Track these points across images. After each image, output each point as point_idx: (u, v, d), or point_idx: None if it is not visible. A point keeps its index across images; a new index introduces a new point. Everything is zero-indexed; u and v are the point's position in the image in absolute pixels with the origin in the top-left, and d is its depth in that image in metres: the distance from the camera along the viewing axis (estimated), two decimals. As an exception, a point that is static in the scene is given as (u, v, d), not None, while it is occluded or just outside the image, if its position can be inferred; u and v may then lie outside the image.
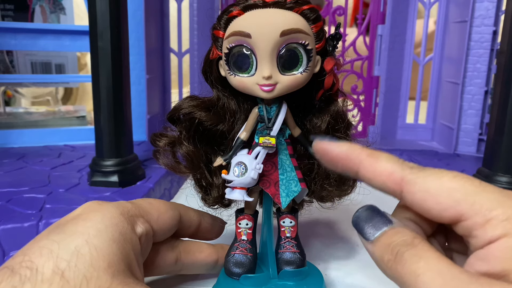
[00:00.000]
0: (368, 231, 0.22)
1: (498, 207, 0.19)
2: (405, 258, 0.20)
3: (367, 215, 0.23)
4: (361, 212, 0.23)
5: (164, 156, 0.34)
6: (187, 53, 0.81)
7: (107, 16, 0.48)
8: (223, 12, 0.29)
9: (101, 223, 0.27)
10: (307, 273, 0.34)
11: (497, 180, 0.49)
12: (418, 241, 0.20)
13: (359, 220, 0.23)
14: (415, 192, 0.21)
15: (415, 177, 0.21)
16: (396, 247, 0.20)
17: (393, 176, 0.22)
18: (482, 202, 0.20)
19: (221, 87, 0.32)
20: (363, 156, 0.23)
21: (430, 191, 0.21)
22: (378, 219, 0.22)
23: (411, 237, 0.21)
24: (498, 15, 0.70)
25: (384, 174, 0.22)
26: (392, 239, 0.21)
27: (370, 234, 0.22)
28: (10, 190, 0.48)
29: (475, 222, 0.20)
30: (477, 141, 0.74)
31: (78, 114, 0.84)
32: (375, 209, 0.23)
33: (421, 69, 0.82)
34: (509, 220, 0.19)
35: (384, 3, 0.78)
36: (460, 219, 0.20)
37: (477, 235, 0.20)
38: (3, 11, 0.82)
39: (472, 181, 0.21)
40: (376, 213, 0.23)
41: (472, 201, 0.20)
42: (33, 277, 0.22)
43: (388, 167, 0.22)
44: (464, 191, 0.20)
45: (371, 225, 0.22)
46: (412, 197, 0.22)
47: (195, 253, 0.35)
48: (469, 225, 0.20)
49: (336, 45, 0.31)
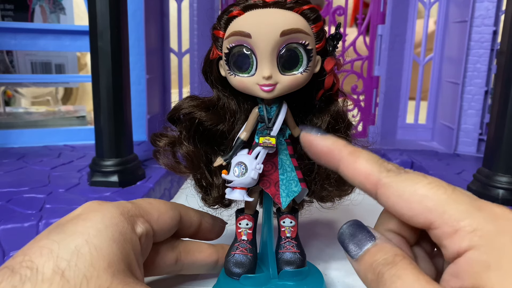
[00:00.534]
0: (352, 249, 0.23)
1: (466, 218, 0.19)
2: (385, 278, 0.20)
3: (350, 232, 0.23)
4: (345, 229, 0.24)
5: (164, 156, 0.34)
6: (187, 53, 0.81)
7: (107, 16, 0.48)
8: (223, 12, 0.29)
9: (101, 223, 0.27)
10: (307, 273, 0.34)
11: (497, 180, 0.49)
12: (399, 258, 0.21)
13: (344, 237, 0.23)
14: (388, 195, 0.22)
15: (390, 181, 0.22)
16: (378, 267, 0.21)
17: (370, 178, 0.22)
18: (452, 212, 0.20)
19: (221, 87, 0.32)
20: (344, 154, 0.24)
21: (403, 196, 0.21)
22: (362, 236, 0.23)
23: (392, 255, 0.21)
24: (498, 15, 0.70)
25: (361, 174, 0.23)
26: (375, 258, 0.21)
27: (354, 253, 0.22)
28: (10, 190, 0.48)
29: (444, 231, 0.20)
30: (477, 141, 0.74)
31: (78, 114, 0.84)
32: (359, 225, 0.23)
33: (421, 69, 0.82)
34: (475, 232, 0.19)
35: (384, 3, 0.78)
36: (430, 227, 0.20)
37: (446, 245, 0.20)
38: (3, 11, 0.82)
39: (446, 189, 0.20)
40: (360, 229, 0.23)
41: (442, 210, 0.20)
42: (33, 276, 0.22)
43: (366, 168, 0.23)
44: (436, 199, 0.20)
45: (355, 242, 0.23)
46: (386, 200, 0.22)
47: (195, 253, 0.35)
48: (439, 234, 0.20)
49: (336, 45, 0.31)
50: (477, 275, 0.18)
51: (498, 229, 0.19)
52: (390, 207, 0.22)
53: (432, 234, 0.21)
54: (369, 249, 0.22)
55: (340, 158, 0.24)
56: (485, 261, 0.18)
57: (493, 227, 0.19)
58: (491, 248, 0.18)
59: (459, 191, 0.21)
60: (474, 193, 0.51)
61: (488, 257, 0.18)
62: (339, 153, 0.24)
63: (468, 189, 0.53)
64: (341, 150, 0.24)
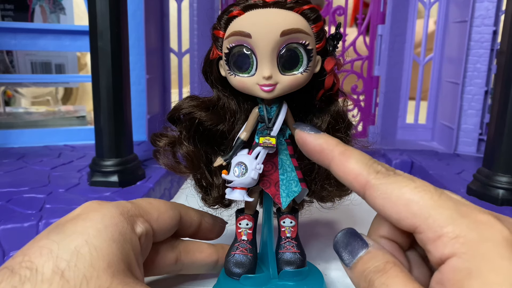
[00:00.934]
0: (346, 257, 0.23)
1: (449, 225, 0.19)
2: (375, 286, 0.20)
3: (344, 240, 0.23)
4: (339, 238, 0.24)
5: (164, 156, 0.34)
6: (187, 53, 0.81)
7: (107, 16, 0.48)
8: (223, 12, 0.29)
9: (101, 223, 0.27)
10: (307, 273, 0.34)
11: (497, 180, 0.49)
12: (390, 266, 0.21)
13: (338, 245, 0.24)
14: (375, 197, 0.22)
15: (378, 183, 0.22)
16: (369, 275, 0.21)
17: (358, 178, 0.23)
18: (436, 218, 0.20)
19: (221, 87, 0.32)
20: (335, 153, 0.24)
21: (390, 199, 0.21)
22: (355, 244, 0.23)
23: (383, 262, 0.21)
24: (498, 15, 0.70)
25: (351, 175, 0.23)
26: (366, 266, 0.21)
27: (348, 261, 0.23)
28: (10, 190, 0.48)
29: (428, 236, 0.20)
30: (477, 141, 0.74)
31: (78, 114, 0.84)
32: (352, 233, 0.24)
33: (421, 69, 0.82)
34: (458, 239, 0.19)
35: (384, 3, 0.78)
36: (415, 231, 0.20)
37: (430, 250, 0.20)
38: (3, 11, 0.82)
39: (432, 194, 0.21)
40: (353, 237, 0.23)
41: (427, 215, 0.20)
42: (33, 277, 0.22)
43: (355, 169, 0.23)
44: (422, 204, 0.20)
45: (348, 250, 0.23)
46: (373, 201, 0.22)
47: (195, 253, 0.35)
48: (423, 239, 0.20)
49: (336, 45, 0.31)
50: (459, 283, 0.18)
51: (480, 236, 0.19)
52: (378, 209, 0.22)
53: (418, 239, 0.21)
54: (361, 257, 0.22)
55: (332, 158, 0.24)
56: (467, 269, 0.18)
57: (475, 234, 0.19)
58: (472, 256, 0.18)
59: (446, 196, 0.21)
60: (474, 193, 0.51)
61: (469, 265, 0.18)
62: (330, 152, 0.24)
63: (468, 189, 0.53)
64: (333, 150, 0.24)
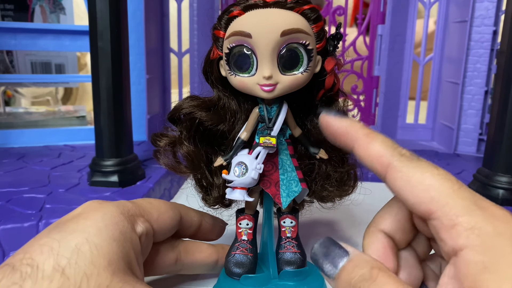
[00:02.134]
0: (327, 269, 0.22)
1: (465, 215, 0.19)
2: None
3: (322, 251, 0.23)
4: (316, 249, 0.23)
5: (165, 156, 0.34)
6: (187, 53, 0.81)
7: (107, 16, 0.48)
8: (224, 12, 0.29)
9: (101, 222, 0.27)
10: (307, 273, 0.34)
11: (497, 180, 0.49)
12: (376, 272, 0.21)
13: (317, 257, 0.23)
14: (396, 179, 0.22)
15: (401, 165, 0.22)
16: (357, 284, 0.21)
17: (381, 159, 0.22)
18: (453, 206, 0.20)
19: (222, 87, 0.32)
20: (360, 135, 0.24)
21: (410, 182, 0.21)
22: (335, 253, 0.23)
23: (368, 269, 0.21)
24: (498, 15, 0.70)
25: (374, 156, 0.23)
26: (352, 276, 0.21)
27: (330, 272, 0.22)
28: (10, 190, 0.48)
29: (442, 223, 0.20)
30: (477, 141, 0.74)
31: (78, 114, 0.84)
32: (330, 242, 0.23)
33: (421, 69, 0.82)
34: (473, 230, 0.19)
35: (384, 3, 0.78)
36: (430, 217, 0.20)
37: (443, 238, 0.20)
38: (3, 11, 0.82)
39: (452, 182, 0.21)
40: (332, 246, 0.23)
41: (444, 202, 0.20)
42: (33, 274, 0.22)
43: (379, 150, 0.23)
44: (441, 190, 0.20)
45: (329, 261, 0.23)
46: (393, 183, 0.22)
47: (195, 253, 0.35)
48: (437, 225, 0.20)
49: (336, 45, 0.31)
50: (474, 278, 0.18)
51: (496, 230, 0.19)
52: (396, 191, 0.22)
53: (431, 225, 0.21)
54: (344, 267, 0.22)
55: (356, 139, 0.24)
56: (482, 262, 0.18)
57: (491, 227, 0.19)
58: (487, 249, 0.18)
59: (466, 188, 0.21)
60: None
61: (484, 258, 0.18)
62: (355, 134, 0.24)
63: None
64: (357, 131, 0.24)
